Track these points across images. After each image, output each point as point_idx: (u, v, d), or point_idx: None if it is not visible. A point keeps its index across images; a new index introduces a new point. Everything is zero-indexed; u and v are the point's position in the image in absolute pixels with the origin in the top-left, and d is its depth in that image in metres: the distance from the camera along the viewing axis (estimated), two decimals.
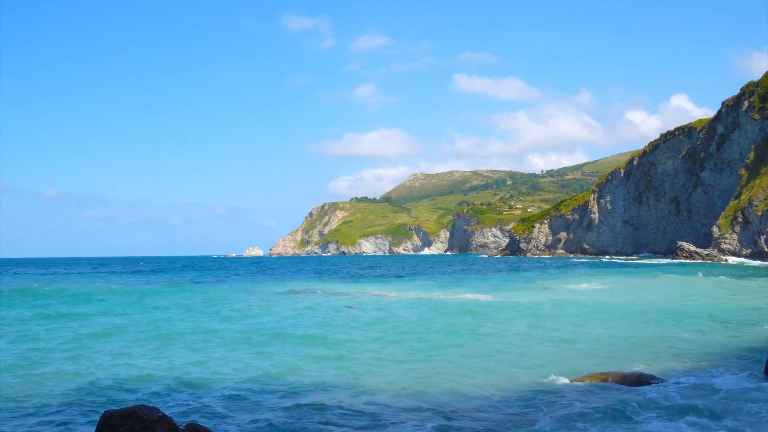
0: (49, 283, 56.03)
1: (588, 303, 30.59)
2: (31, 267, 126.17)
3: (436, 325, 23.18)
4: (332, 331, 22.07)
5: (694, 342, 18.58)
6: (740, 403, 11.36)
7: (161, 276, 72.00)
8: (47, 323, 24.96)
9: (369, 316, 26.84)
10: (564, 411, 11.25)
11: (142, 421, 8.76)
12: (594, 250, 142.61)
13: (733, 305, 28.23)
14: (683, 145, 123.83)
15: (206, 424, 10.48)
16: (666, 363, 15.46)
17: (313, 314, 27.74)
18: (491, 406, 11.74)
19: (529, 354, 17.24)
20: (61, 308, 31.18)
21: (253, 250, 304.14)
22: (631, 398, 12.03)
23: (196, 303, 33.89)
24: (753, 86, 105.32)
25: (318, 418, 11.13)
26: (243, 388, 13.51)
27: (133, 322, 25.41)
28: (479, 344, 18.91)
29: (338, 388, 13.49)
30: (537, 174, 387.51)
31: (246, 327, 23.45)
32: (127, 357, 17.55)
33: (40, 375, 15.05)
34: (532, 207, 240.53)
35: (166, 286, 50.71)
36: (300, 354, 17.71)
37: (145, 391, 13.33)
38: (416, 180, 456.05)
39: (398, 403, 12.11)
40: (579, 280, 48.83)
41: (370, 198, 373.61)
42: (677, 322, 23.13)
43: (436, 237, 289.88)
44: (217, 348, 18.96)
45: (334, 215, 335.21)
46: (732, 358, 15.90)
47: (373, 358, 16.89)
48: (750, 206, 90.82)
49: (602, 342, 19.01)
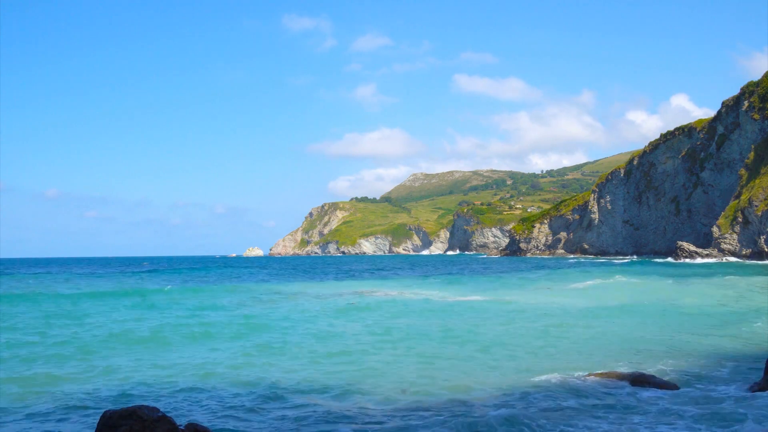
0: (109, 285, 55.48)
1: (587, 303, 30.59)
2: (53, 267, 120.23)
3: (457, 327, 23.20)
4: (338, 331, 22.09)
5: (695, 342, 18.58)
6: (742, 409, 11.32)
7: (190, 275, 71.97)
8: (80, 322, 24.96)
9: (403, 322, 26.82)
10: (562, 411, 11.26)
11: (142, 421, 8.77)
12: (594, 250, 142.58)
13: (733, 305, 28.22)
14: (683, 145, 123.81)
15: (206, 424, 10.48)
16: (668, 363, 15.45)
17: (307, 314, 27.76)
18: (487, 405, 11.74)
19: (529, 354, 17.24)
20: (134, 312, 29.59)
21: (253, 250, 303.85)
22: (631, 399, 12.04)
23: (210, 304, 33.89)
24: (753, 86, 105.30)
25: (322, 418, 11.14)
26: (243, 388, 13.50)
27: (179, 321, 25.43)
28: (479, 343, 18.91)
29: (336, 389, 13.49)
30: (537, 174, 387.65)
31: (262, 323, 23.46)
32: (128, 357, 17.56)
33: (39, 375, 15.05)
34: (532, 207, 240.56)
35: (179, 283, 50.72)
36: (309, 355, 17.73)
37: (145, 392, 13.33)
38: (416, 180, 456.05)
39: (397, 403, 12.13)
40: (578, 280, 48.80)
41: (370, 198, 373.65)
42: (677, 322, 23.13)
43: (436, 237, 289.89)
44: (217, 348, 18.96)
45: (334, 215, 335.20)
46: (732, 361, 15.90)
47: (388, 359, 16.90)
48: (750, 206, 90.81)
49: (602, 342, 19.00)
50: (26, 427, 10.89)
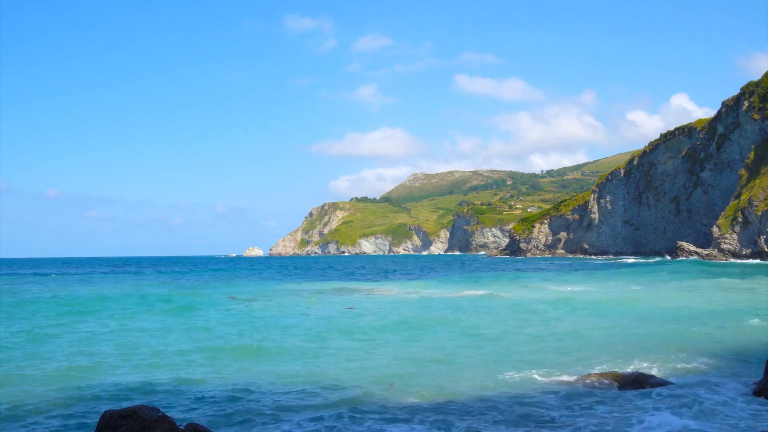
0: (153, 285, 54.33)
1: (587, 303, 30.60)
2: (69, 267, 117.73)
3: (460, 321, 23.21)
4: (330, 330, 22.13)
5: (695, 343, 18.57)
6: (733, 411, 11.33)
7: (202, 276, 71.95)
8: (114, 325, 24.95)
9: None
10: (561, 410, 11.27)
11: (142, 421, 8.78)
12: (594, 250, 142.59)
13: (731, 305, 28.21)
14: (683, 145, 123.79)
15: (206, 424, 10.48)
16: (667, 364, 15.45)
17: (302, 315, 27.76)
18: (482, 405, 11.74)
19: (530, 354, 17.25)
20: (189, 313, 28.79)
21: (253, 250, 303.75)
22: (631, 399, 12.05)
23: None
24: (753, 86, 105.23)
25: (321, 414, 11.16)
26: (243, 388, 13.51)
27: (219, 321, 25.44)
28: (479, 343, 18.93)
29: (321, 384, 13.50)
30: (537, 174, 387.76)
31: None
32: (127, 357, 17.57)
33: (40, 375, 15.05)
34: (532, 207, 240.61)
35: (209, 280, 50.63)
36: (307, 353, 17.76)
37: (145, 391, 13.34)
38: (416, 180, 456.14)
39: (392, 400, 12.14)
40: (578, 279, 48.83)
41: (370, 198, 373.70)
42: (677, 322, 23.12)
43: (436, 237, 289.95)
44: (217, 347, 18.97)
45: (334, 215, 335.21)
46: (733, 361, 15.91)
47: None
48: (750, 206, 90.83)
49: (602, 342, 19.01)
50: (25, 427, 10.90)
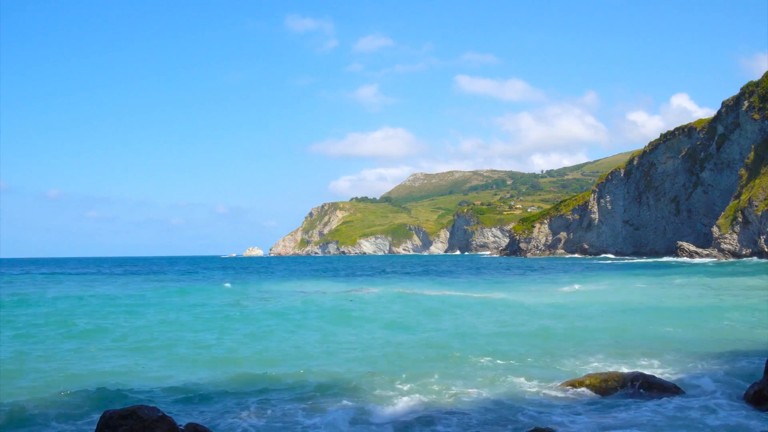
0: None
1: (587, 302, 30.60)
2: (90, 267, 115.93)
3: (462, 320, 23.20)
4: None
5: (695, 343, 18.57)
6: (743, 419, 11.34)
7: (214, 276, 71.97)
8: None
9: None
10: (560, 410, 11.26)
11: (142, 421, 8.77)
12: (594, 250, 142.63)
13: (731, 305, 28.22)
14: (683, 145, 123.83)
15: (206, 424, 10.48)
16: (667, 365, 15.45)
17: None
18: (475, 408, 11.72)
19: (530, 353, 17.24)
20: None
21: (252, 250, 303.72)
22: (631, 399, 12.04)
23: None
24: (753, 86, 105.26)
25: (320, 415, 11.15)
26: (243, 388, 13.50)
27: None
28: (478, 343, 18.93)
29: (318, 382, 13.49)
30: (537, 174, 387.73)
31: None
32: (130, 357, 17.57)
33: (40, 374, 15.04)
34: (532, 207, 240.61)
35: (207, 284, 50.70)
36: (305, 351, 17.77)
37: (145, 391, 13.33)
38: (416, 180, 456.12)
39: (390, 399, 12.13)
40: (578, 279, 48.84)
41: (370, 198, 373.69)
42: (677, 322, 23.11)
43: (436, 237, 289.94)
44: (216, 347, 18.98)
45: (334, 215, 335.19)
46: (731, 360, 15.90)
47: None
48: (750, 206, 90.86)
49: (601, 342, 19.00)
50: (25, 427, 10.89)
